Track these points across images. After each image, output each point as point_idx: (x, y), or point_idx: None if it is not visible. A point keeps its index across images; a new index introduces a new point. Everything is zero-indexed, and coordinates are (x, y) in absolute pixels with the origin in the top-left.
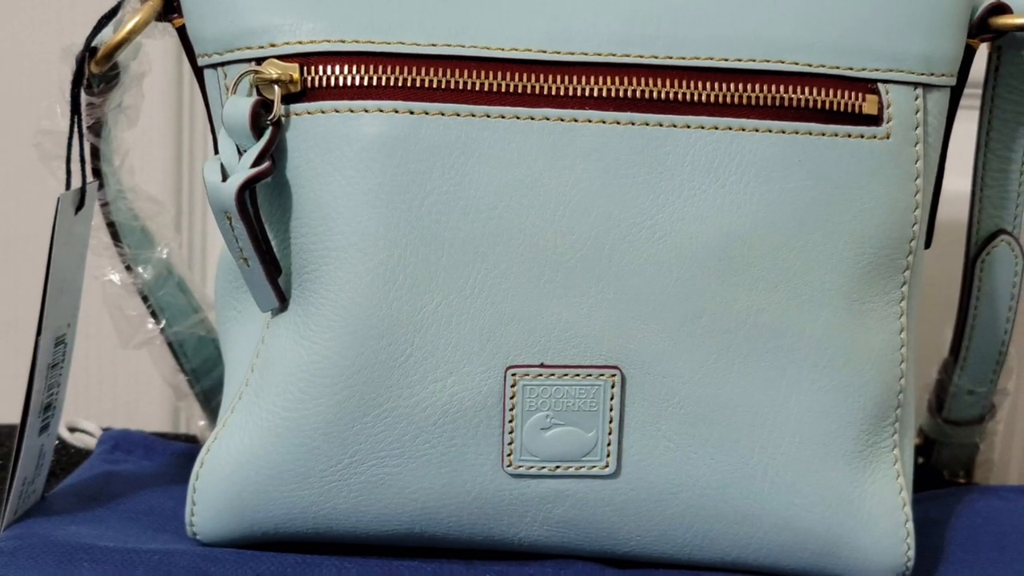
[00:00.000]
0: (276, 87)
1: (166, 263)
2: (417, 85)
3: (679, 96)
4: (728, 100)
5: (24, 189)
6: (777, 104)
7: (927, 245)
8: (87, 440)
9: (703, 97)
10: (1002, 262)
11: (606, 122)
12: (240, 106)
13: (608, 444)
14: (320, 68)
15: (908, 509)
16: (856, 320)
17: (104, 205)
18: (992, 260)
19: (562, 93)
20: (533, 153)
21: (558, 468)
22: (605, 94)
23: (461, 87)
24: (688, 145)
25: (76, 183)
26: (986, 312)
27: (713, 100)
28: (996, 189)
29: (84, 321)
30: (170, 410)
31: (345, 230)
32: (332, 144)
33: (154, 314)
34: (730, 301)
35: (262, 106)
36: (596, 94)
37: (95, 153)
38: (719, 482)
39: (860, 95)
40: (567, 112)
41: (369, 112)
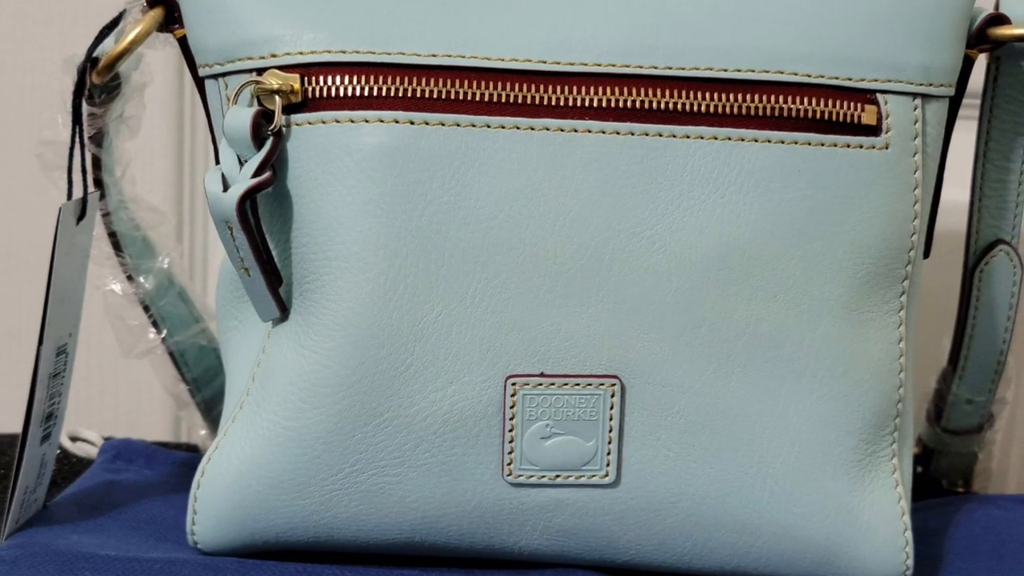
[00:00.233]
0: (277, 97)
1: (167, 273)
2: (417, 95)
3: (678, 106)
4: (727, 110)
5: (26, 199)
6: (776, 114)
7: (926, 255)
8: (89, 449)
9: (702, 107)
10: (1000, 272)
11: (606, 132)
12: (241, 116)
13: (608, 453)
14: (321, 78)
15: (907, 518)
16: (855, 330)
17: (105, 215)
18: (991, 270)
19: (562, 103)
20: (533, 163)
21: (558, 477)
22: (605, 104)
23: (461, 97)
24: (688, 155)
25: (78, 193)
26: (984, 322)
27: (712, 110)
28: (994, 199)
29: (85, 331)
30: (171, 419)
31: (346, 240)
32: (333, 154)
33: (155, 324)
34: (729, 311)
35: (263, 116)
36: (596, 104)
37: (96, 163)
38: (718, 491)
39: (859, 105)
40: (567, 122)
41: (370, 122)
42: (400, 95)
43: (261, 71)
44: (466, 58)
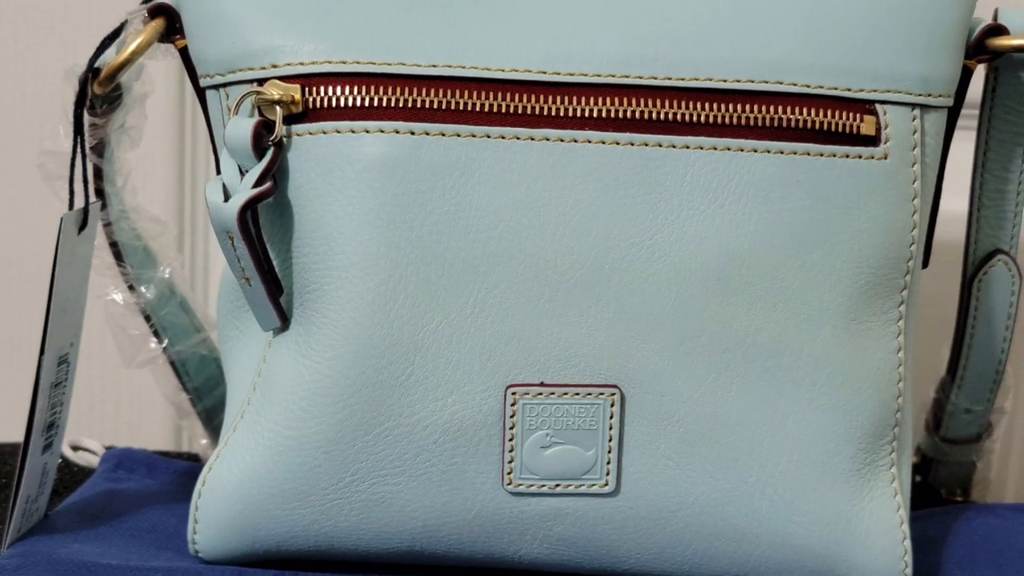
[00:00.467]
0: (278, 108)
1: (168, 283)
2: (418, 106)
3: (678, 117)
4: (727, 121)
5: (27, 209)
6: (776, 125)
7: (924, 265)
8: (90, 459)
9: (702, 118)
10: (999, 282)
11: (605, 142)
12: (242, 127)
13: (608, 462)
14: (321, 89)
15: (906, 527)
16: (854, 339)
17: (107, 225)
18: (989, 280)
19: (562, 114)
20: (533, 173)
21: (558, 486)
22: (604, 115)
23: (461, 108)
24: (687, 165)
25: (79, 203)
26: (983, 331)
27: (712, 120)
28: (993, 209)
29: (87, 340)
30: (172, 429)
31: (346, 250)
32: (333, 164)
33: (156, 333)
34: (729, 320)
35: (264, 127)
36: (596, 115)
37: (98, 173)
38: (718, 500)
39: (858, 116)
40: (567, 133)
41: (370, 133)
42: (400, 105)
43: (262, 81)
44: (466, 68)
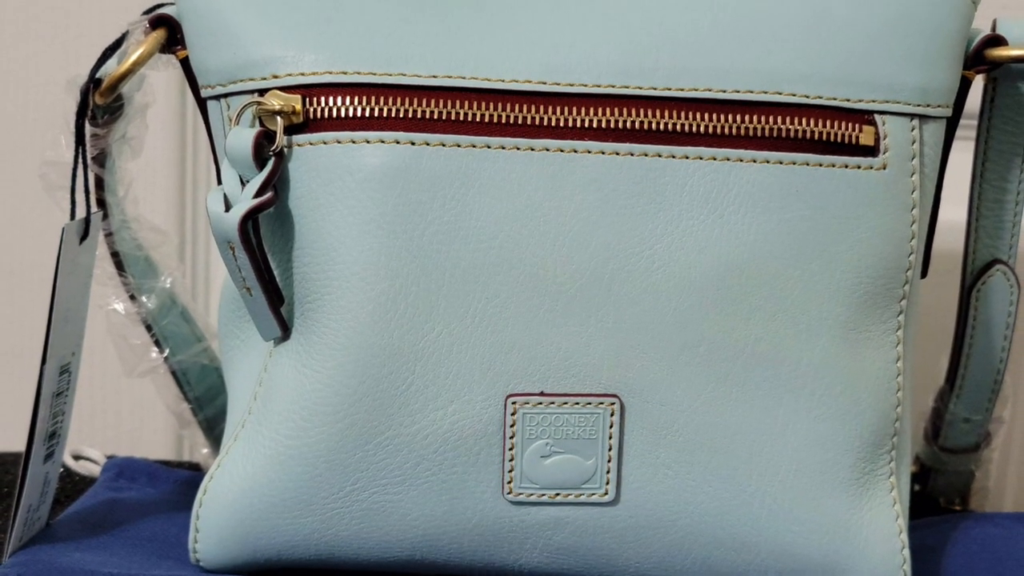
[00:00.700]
0: (279, 118)
1: (169, 292)
2: (418, 116)
3: (677, 127)
4: (726, 131)
5: (29, 219)
6: (775, 135)
7: (923, 274)
8: (91, 468)
9: (701, 128)
10: (997, 291)
11: (605, 153)
12: (243, 137)
13: (607, 472)
14: (322, 99)
15: (904, 536)
16: (853, 349)
17: (108, 235)
18: (987, 290)
19: (562, 124)
20: (533, 183)
21: (558, 495)
22: (604, 125)
23: (462, 118)
24: (686, 176)
25: (80, 213)
26: (981, 341)
27: (711, 131)
28: (991, 219)
29: (88, 350)
30: (174, 438)
31: (347, 260)
32: (334, 175)
33: (158, 343)
34: (728, 330)
35: (265, 137)
36: (595, 125)
37: (99, 183)
38: (717, 509)
39: (857, 126)
40: (567, 143)
41: (371, 143)
42: (401, 116)
43: (263, 92)
44: (466, 79)
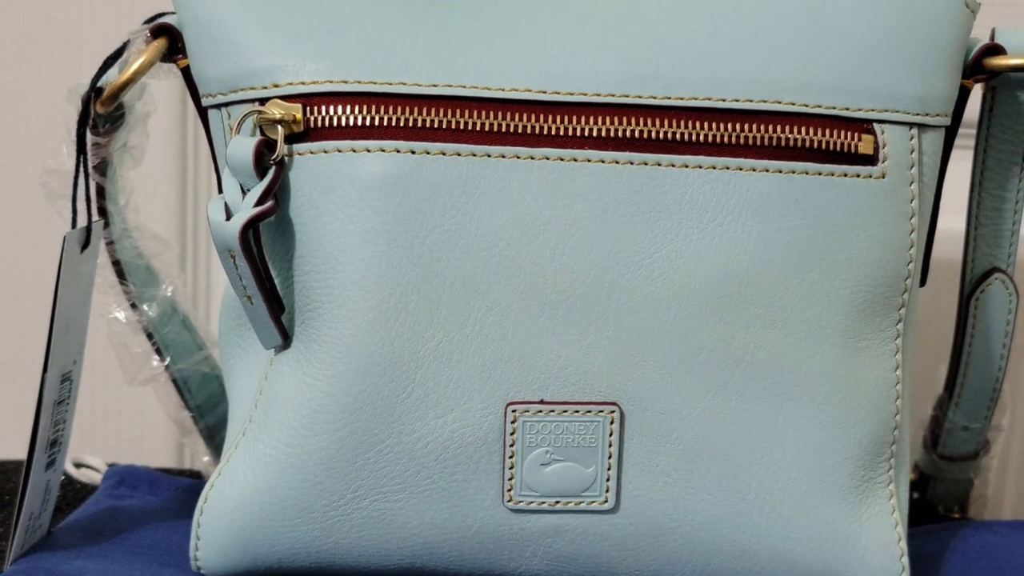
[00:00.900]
0: (279, 127)
1: (171, 301)
2: (418, 125)
3: (677, 136)
4: (725, 140)
5: (30, 228)
6: (774, 144)
7: (922, 283)
8: (92, 476)
9: (701, 137)
10: (996, 300)
11: (605, 161)
12: (244, 146)
13: (607, 480)
14: (323, 108)
15: (903, 544)
16: (852, 357)
17: (109, 243)
18: (986, 298)
19: (562, 133)
20: (533, 192)
21: (558, 503)
22: (604, 134)
23: (462, 127)
24: (686, 184)
25: (82, 222)
26: (980, 349)
27: (711, 140)
28: (990, 228)
29: (90, 358)
30: (175, 446)
31: (347, 268)
32: (334, 183)
33: (159, 351)
34: (727, 338)
35: (265, 146)
36: (595, 134)
37: (100, 192)
38: (716, 517)
39: (856, 135)
40: (567, 152)
41: (371, 152)
42: (401, 125)
43: (264, 101)
44: (467, 88)
